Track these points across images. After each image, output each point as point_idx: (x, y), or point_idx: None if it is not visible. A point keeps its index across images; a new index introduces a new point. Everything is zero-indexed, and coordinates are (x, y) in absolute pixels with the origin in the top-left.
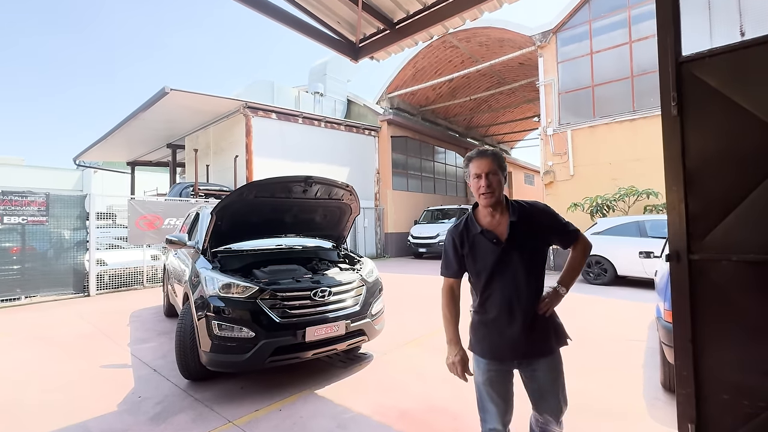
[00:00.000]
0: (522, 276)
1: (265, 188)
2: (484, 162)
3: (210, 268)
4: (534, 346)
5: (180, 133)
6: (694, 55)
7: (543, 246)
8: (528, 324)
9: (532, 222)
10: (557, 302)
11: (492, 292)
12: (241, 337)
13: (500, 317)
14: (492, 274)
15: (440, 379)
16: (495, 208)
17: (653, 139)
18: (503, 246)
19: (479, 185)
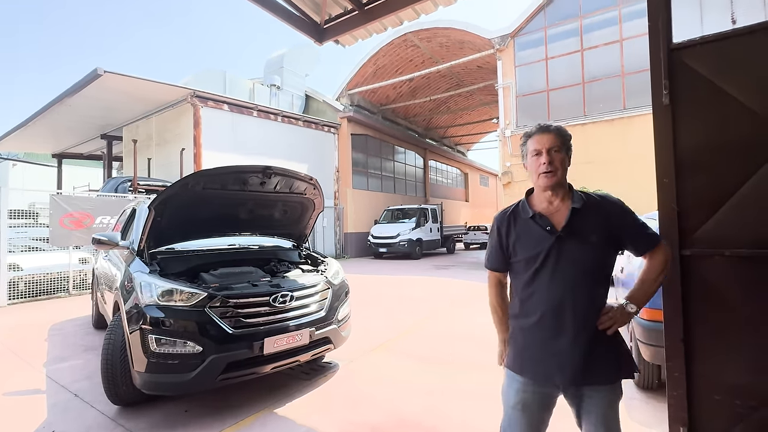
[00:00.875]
0: (579, 276)
1: (214, 179)
2: (546, 137)
3: (147, 271)
4: (589, 368)
5: (117, 123)
6: (686, 42)
7: (610, 246)
8: (583, 338)
9: (599, 214)
10: (624, 321)
11: (536, 290)
12: (186, 352)
13: (544, 322)
14: (540, 268)
15: (411, 389)
16: (555, 192)
17: (602, 143)
18: (558, 235)
19: (539, 163)
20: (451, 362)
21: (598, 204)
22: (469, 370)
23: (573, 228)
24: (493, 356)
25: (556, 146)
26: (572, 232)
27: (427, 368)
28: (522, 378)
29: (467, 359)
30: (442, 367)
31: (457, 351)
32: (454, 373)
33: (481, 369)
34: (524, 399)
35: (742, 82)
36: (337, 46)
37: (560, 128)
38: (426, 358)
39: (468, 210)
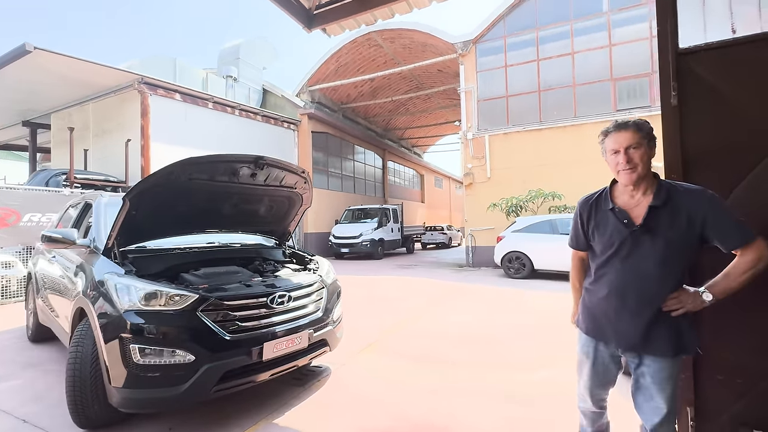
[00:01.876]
0: (651, 268)
1: (203, 168)
2: (624, 135)
3: (121, 273)
4: (645, 340)
5: (44, 108)
6: (692, 47)
7: (691, 241)
8: (644, 317)
9: (683, 210)
10: (694, 306)
11: (607, 272)
12: (175, 363)
13: (610, 299)
14: (613, 255)
15: (410, 390)
16: (637, 187)
17: (556, 147)
18: (634, 230)
19: (617, 162)
20: (443, 361)
21: (684, 199)
22: (462, 368)
23: (649, 225)
24: (484, 353)
25: (635, 143)
26: (648, 228)
27: (421, 368)
28: (586, 336)
29: (458, 357)
30: (435, 366)
31: (445, 349)
32: (448, 372)
33: (475, 366)
34: (587, 352)
35: (742, 86)
36: (294, 42)
37: (639, 123)
38: (417, 358)
39: (424, 211)
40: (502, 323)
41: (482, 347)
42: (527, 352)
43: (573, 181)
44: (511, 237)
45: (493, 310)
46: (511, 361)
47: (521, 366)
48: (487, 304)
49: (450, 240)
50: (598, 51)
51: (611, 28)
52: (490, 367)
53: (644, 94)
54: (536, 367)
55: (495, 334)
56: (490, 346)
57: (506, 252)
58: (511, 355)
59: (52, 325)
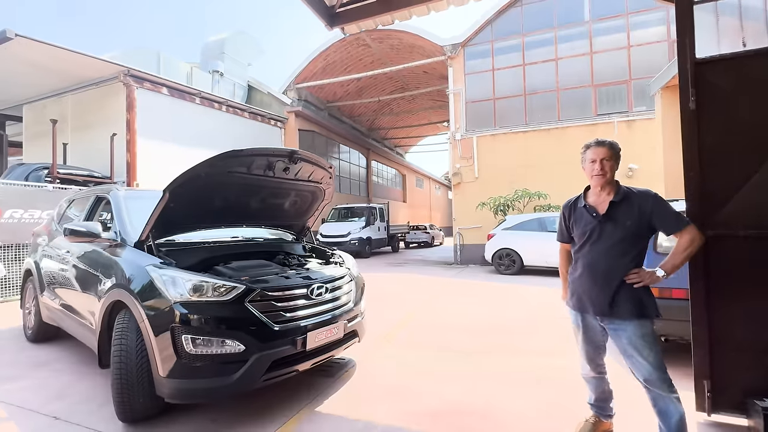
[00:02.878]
0: (612, 248)
1: (244, 161)
2: (601, 150)
3: (163, 265)
4: (613, 308)
5: (15, 99)
6: (708, 58)
7: (641, 228)
8: (610, 288)
9: (634, 205)
10: (650, 280)
11: (582, 255)
12: (226, 352)
13: (584, 276)
14: (585, 241)
15: (440, 377)
16: (603, 189)
17: (541, 149)
18: (600, 220)
19: (593, 168)
20: (464, 350)
21: (635, 197)
22: (485, 356)
23: (611, 215)
24: (500, 342)
25: (608, 157)
26: (610, 218)
27: (444, 357)
28: (574, 311)
29: (477, 347)
30: (458, 355)
31: (462, 340)
32: (472, 360)
33: (496, 354)
34: (578, 323)
35: (752, 92)
36: (276, 40)
37: (613, 143)
38: (437, 348)
39: (406, 210)
40: (507, 316)
41: (497, 337)
42: (540, 342)
43: (557, 181)
44: (502, 234)
45: (496, 304)
46: (529, 349)
47: (541, 353)
48: (488, 299)
49: (432, 239)
50: (580, 58)
51: (592, 37)
52: (511, 354)
53: (622, 100)
54: (554, 354)
55: (505, 326)
56: (504, 336)
57: (497, 249)
58: (527, 344)
59: (62, 323)
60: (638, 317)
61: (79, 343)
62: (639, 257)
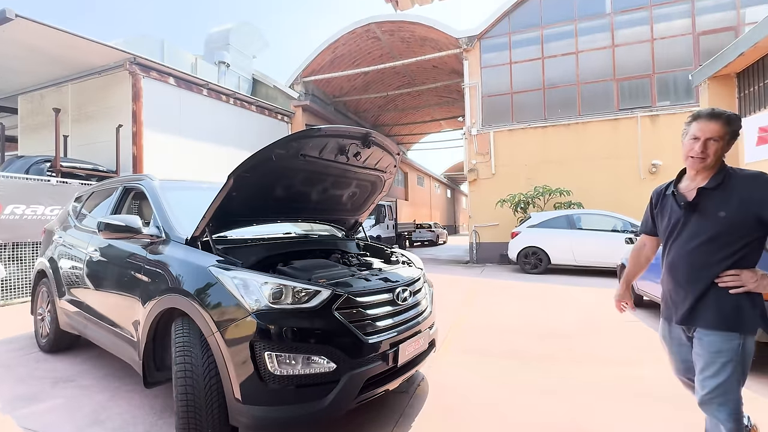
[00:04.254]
0: (699, 245)
1: (318, 143)
2: (710, 126)
3: (226, 265)
4: (693, 311)
5: (9, 89)
6: None
7: (745, 221)
8: (694, 293)
9: (734, 192)
10: (754, 285)
11: (668, 252)
12: (316, 372)
13: (666, 278)
14: (670, 235)
15: (527, 390)
16: (699, 174)
17: (560, 144)
18: (685, 209)
19: (692, 147)
20: (533, 357)
21: (737, 182)
22: (559, 364)
23: (699, 204)
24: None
25: (717, 136)
26: (698, 207)
27: (515, 365)
28: (661, 318)
29: (545, 352)
30: (530, 363)
31: (525, 345)
32: (549, 369)
33: (572, 362)
34: (663, 333)
35: None
36: (280, 34)
37: (732, 117)
38: (502, 354)
39: (408, 209)
40: (560, 318)
41: (561, 342)
42: (611, 348)
43: (577, 178)
44: (527, 232)
45: (540, 305)
46: (604, 357)
47: (620, 362)
48: (527, 299)
49: (437, 237)
50: (602, 51)
51: (614, 29)
52: (588, 362)
53: (646, 95)
54: (634, 363)
55: (563, 330)
56: (568, 342)
57: (522, 247)
58: (597, 351)
59: (86, 332)
60: (727, 328)
61: (103, 353)
62: (742, 257)
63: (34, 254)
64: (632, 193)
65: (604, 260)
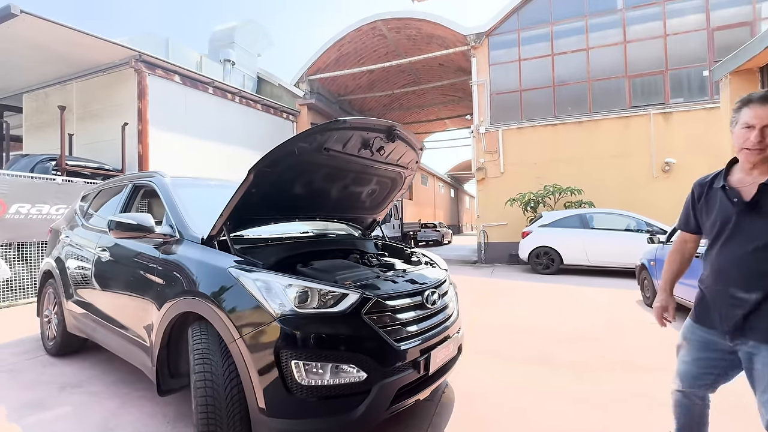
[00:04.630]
0: (759, 249)
1: (343, 135)
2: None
3: (246, 266)
4: (747, 324)
5: (14, 87)
6: None
7: None
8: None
9: None
10: None
11: (714, 253)
12: (346, 382)
13: (712, 282)
14: (718, 235)
15: (558, 397)
16: (756, 167)
17: (571, 142)
18: (740, 208)
19: (747, 137)
20: (556, 361)
21: None
22: (586, 370)
23: (760, 203)
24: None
25: None
26: (757, 206)
27: (540, 370)
28: (691, 321)
29: (568, 357)
30: (555, 368)
31: (546, 348)
32: (577, 374)
33: (600, 368)
34: (686, 336)
35: None
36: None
37: None
38: (524, 359)
39: (413, 208)
40: (580, 320)
41: (586, 345)
42: (641, 352)
43: (588, 177)
44: (539, 232)
45: (556, 306)
46: (635, 361)
47: (653, 367)
48: (543, 300)
49: (443, 237)
50: (613, 47)
51: (626, 25)
52: (619, 367)
53: (658, 92)
54: (666, 368)
55: (586, 332)
56: (594, 345)
57: (534, 247)
58: (629, 355)
59: (95, 335)
60: None
61: (112, 357)
62: None
63: (40, 254)
64: (645, 192)
65: (620, 260)
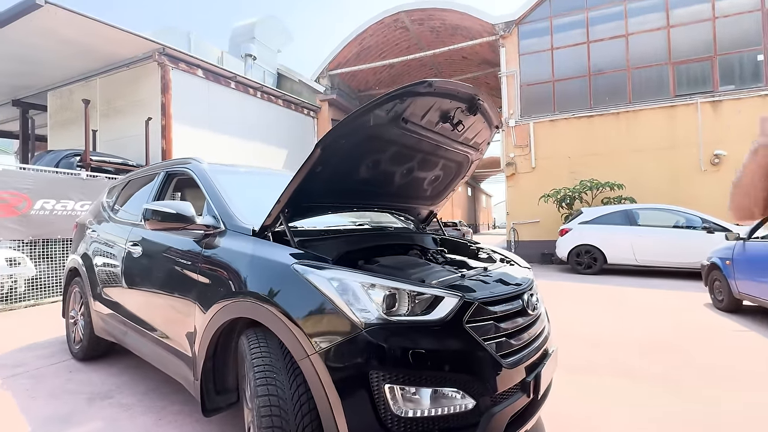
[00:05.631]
0: None
1: (425, 103)
2: None
3: (313, 261)
4: None
5: (39, 85)
6: None
7: None
8: None
9: None
10: None
11: None
12: (451, 412)
13: None
14: None
15: (674, 418)
16: None
17: (608, 135)
18: None
19: None
20: (647, 375)
21: None
22: (690, 387)
23: None
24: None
25: None
26: None
27: (640, 387)
28: None
29: (658, 371)
30: (649, 383)
31: (629, 360)
32: (682, 391)
33: (707, 386)
34: None
35: None
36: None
37: None
38: (615, 372)
39: None
40: (649, 326)
41: (672, 357)
42: (734, 362)
43: (627, 171)
44: (579, 229)
45: (615, 311)
46: (733, 374)
47: (758, 385)
48: (596, 304)
49: (463, 235)
50: (655, 33)
51: (669, 9)
52: (718, 382)
53: (706, 79)
54: None
55: (660, 339)
56: (680, 356)
57: (574, 245)
58: (721, 366)
59: (126, 340)
60: None
61: (141, 364)
62: None
63: (64, 252)
64: (692, 187)
65: (673, 260)
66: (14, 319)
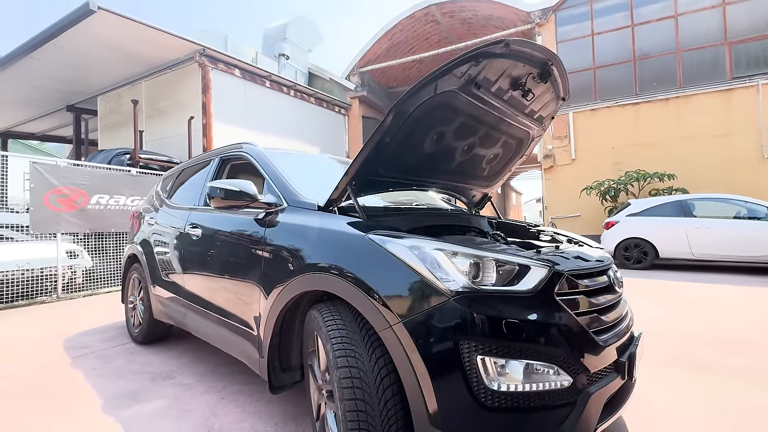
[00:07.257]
0: None
1: (498, 66)
2: None
3: (391, 232)
4: None
5: (90, 90)
6: None
7: None
8: None
9: None
10: None
11: None
12: (548, 388)
13: None
14: None
15: (748, 413)
16: None
17: (656, 123)
18: None
19: None
20: (725, 370)
21: None
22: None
23: None
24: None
25: None
26: None
27: (709, 380)
28: None
29: (735, 364)
30: (727, 377)
31: (700, 353)
32: (758, 384)
33: None
34: None
35: None
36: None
37: None
38: (683, 365)
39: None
40: (723, 321)
41: (747, 350)
42: None
43: (679, 161)
44: (627, 222)
45: (685, 307)
46: None
47: None
48: (659, 299)
49: None
50: (708, 11)
51: None
52: None
53: None
54: None
55: (736, 335)
56: (757, 350)
57: (622, 239)
58: None
59: (186, 321)
60: None
61: (199, 346)
62: None
63: (117, 245)
64: (751, 176)
65: (737, 253)
66: (75, 308)
